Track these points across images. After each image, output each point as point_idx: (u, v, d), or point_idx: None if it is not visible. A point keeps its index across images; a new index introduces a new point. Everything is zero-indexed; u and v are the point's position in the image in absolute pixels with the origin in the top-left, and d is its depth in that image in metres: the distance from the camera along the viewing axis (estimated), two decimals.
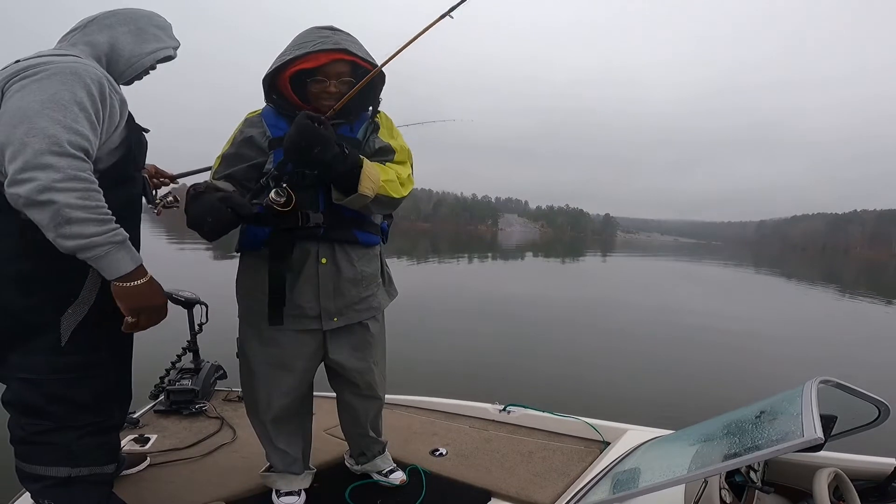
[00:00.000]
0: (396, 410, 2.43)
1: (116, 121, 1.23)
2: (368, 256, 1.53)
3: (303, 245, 1.41)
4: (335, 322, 1.47)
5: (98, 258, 1.11)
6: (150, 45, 1.34)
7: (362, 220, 1.48)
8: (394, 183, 1.39)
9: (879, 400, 1.28)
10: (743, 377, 5.71)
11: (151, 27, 1.36)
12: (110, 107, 1.19)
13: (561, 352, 6.44)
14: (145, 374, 2.31)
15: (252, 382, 1.55)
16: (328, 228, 1.40)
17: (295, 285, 1.43)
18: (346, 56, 1.34)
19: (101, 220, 1.09)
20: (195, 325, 2.43)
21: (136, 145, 1.33)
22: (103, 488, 1.41)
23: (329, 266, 1.44)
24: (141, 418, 2.18)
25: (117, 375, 1.39)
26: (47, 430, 1.27)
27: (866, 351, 7.73)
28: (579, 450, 2.05)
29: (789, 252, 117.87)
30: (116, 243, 1.12)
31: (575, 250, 48.14)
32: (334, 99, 1.37)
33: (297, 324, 1.46)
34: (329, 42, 1.33)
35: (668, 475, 1.09)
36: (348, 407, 1.69)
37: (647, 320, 9.09)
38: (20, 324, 1.20)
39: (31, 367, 1.23)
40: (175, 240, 19.69)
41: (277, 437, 1.61)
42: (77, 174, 1.05)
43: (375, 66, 1.35)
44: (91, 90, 1.13)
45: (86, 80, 1.13)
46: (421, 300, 8.93)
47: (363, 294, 1.51)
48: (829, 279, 25.84)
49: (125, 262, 1.15)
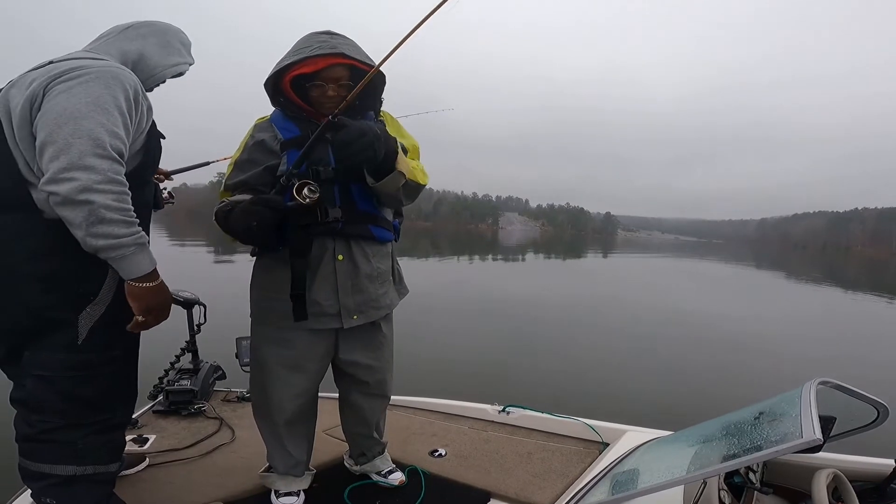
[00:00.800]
0: (395, 411, 2.43)
1: (143, 126, 1.28)
2: (383, 253, 1.54)
3: (319, 242, 1.43)
4: (355, 320, 1.48)
5: (122, 258, 1.15)
6: (173, 59, 1.42)
7: (376, 215, 1.49)
8: (420, 171, 1.45)
9: (878, 401, 1.28)
10: (742, 378, 5.71)
11: (177, 42, 1.44)
12: (140, 112, 1.24)
13: (560, 352, 6.44)
14: (144, 375, 2.30)
15: (265, 384, 1.54)
16: (345, 223, 1.41)
17: (312, 283, 1.43)
18: (343, 60, 1.35)
19: (130, 221, 1.14)
20: (194, 326, 2.43)
21: (154, 150, 1.37)
22: (105, 487, 1.41)
23: (346, 262, 1.45)
24: (140, 418, 2.18)
25: (127, 374, 1.41)
26: (56, 427, 1.27)
27: (866, 350, 7.72)
28: (578, 451, 2.04)
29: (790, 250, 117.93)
30: (141, 244, 1.17)
31: (575, 249, 48.17)
32: (334, 103, 1.37)
33: (318, 322, 1.45)
34: (326, 46, 1.34)
35: (667, 476, 1.09)
36: (354, 407, 1.68)
37: (647, 320, 9.09)
38: (40, 321, 1.22)
39: (47, 365, 1.25)
40: (175, 240, 19.72)
41: (289, 440, 1.60)
42: (114, 177, 1.11)
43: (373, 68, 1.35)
44: (129, 95, 1.19)
45: (125, 84, 1.19)
46: (420, 300, 8.93)
47: (380, 291, 1.52)
48: (830, 278, 25.85)
49: (145, 264, 1.19)
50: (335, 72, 1.36)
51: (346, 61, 1.35)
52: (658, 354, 6.54)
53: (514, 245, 49.34)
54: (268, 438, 1.64)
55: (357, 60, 1.36)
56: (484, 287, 13.02)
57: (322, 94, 1.38)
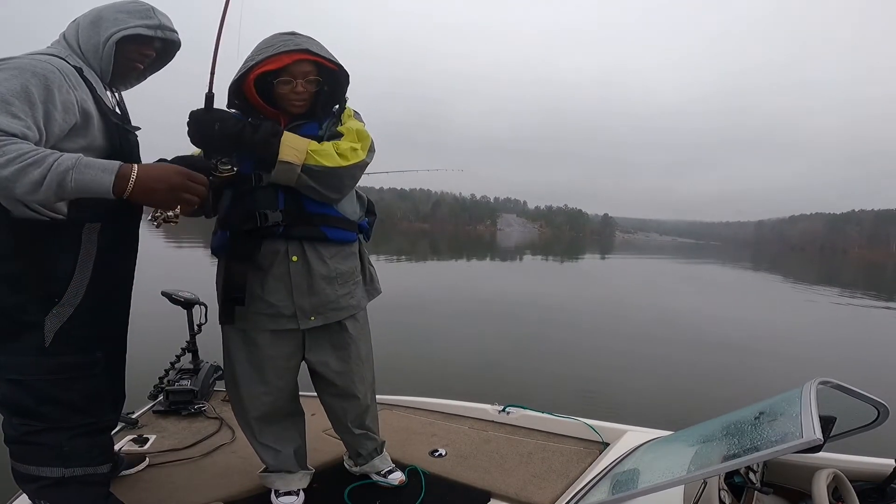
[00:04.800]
0: (395, 411, 2.43)
1: (74, 115, 1.20)
2: (343, 254, 1.53)
3: (272, 244, 1.43)
4: (312, 321, 1.49)
5: (77, 189, 1.06)
6: (107, 32, 1.28)
7: (328, 215, 1.47)
8: (326, 152, 1.36)
9: (878, 401, 1.28)
10: (742, 378, 5.72)
11: (111, 13, 1.30)
12: (63, 101, 1.16)
13: (560, 352, 6.44)
14: (144, 375, 2.31)
15: (234, 381, 1.57)
16: (290, 226, 1.42)
17: (266, 284, 1.45)
18: (308, 56, 1.37)
19: (37, 161, 1.03)
20: (194, 326, 2.43)
21: (122, 143, 1.33)
22: (99, 488, 1.41)
23: (300, 264, 1.45)
24: (140, 419, 2.18)
25: (110, 376, 1.39)
26: (38, 430, 1.27)
27: (865, 351, 7.73)
28: (578, 451, 2.05)
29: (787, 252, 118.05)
30: (70, 167, 1.04)
31: (574, 250, 48.17)
32: (302, 99, 1.41)
33: (274, 323, 1.47)
34: (291, 44, 1.35)
35: (667, 476, 1.10)
36: (327, 407, 1.70)
37: (646, 321, 9.09)
38: (11, 322, 1.21)
39: (18, 368, 1.23)
40: (171, 240, 19.68)
41: (262, 434, 1.62)
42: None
43: (338, 65, 1.41)
44: (27, 85, 1.11)
45: (26, 74, 1.11)
46: (420, 300, 8.92)
47: (340, 292, 1.52)
48: (828, 280, 25.88)
49: (100, 178, 1.07)
50: (302, 67, 1.37)
51: (312, 57, 1.37)
52: (658, 354, 6.54)
53: (513, 246, 49.34)
54: (245, 434, 1.66)
55: (322, 57, 1.38)
56: (483, 287, 13.01)
57: (291, 91, 1.39)
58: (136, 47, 1.34)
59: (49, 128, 1.14)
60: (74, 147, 1.21)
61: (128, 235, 1.42)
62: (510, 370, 5.45)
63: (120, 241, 1.38)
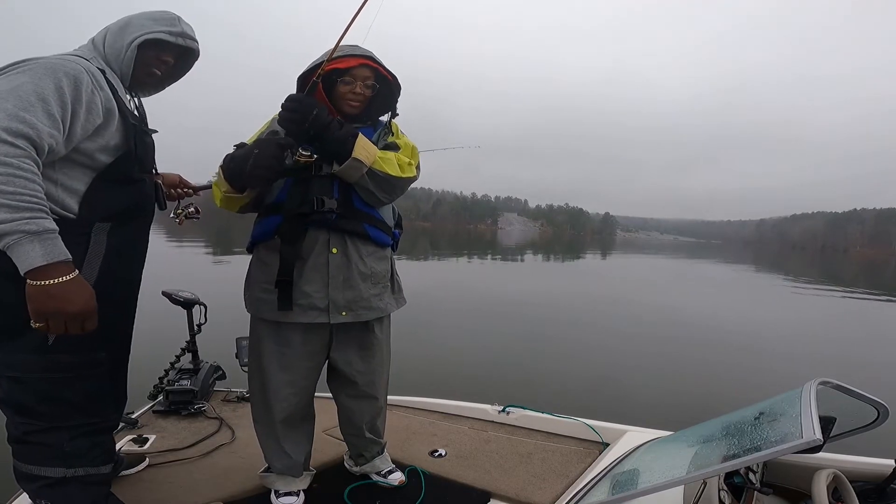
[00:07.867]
0: (395, 411, 2.43)
1: (98, 116, 1.22)
2: (379, 255, 1.58)
3: (314, 233, 1.47)
4: (343, 317, 1.50)
5: (8, 247, 1.04)
6: (131, 36, 1.32)
7: (373, 216, 1.53)
8: (390, 162, 1.48)
9: (878, 401, 1.28)
10: (742, 378, 5.71)
11: (140, 20, 1.34)
12: (88, 102, 1.18)
13: (560, 352, 6.44)
14: (144, 375, 2.31)
15: (263, 381, 1.57)
16: (340, 217, 1.47)
17: (303, 273, 1.47)
18: (371, 63, 1.51)
19: (17, 206, 1.02)
20: (194, 326, 2.43)
21: (139, 146, 1.33)
22: (100, 488, 1.40)
23: (340, 256, 1.49)
24: (140, 419, 2.18)
25: (112, 376, 1.39)
26: (40, 430, 1.27)
27: (866, 350, 7.73)
28: (578, 451, 2.05)
29: (789, 251, 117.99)
30: (28, 233, 1.03)
31: (574, 249, 48.17)
32: (359, 100, 1.52)
33: (305, 315, 1.47)
34: (358, 50, 1.50)
35: (667, 476, 1.09)
36: (343, 408, 1.71)
37: (646, 320, 9.08)
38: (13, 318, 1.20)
39: (19, 366, 1.23)
40: (172, 239, 19.70)
41: (285, 440, 1.61)
42: (3, 159, 1.03)
43: (392, 76, 1.54)
44: (61, 84, 1.13)
45: (58, 74, 1.14)
46: (419, 300, 8.93)
47: (372, 291, 1.55)
48: (829, 278, 25.87)
49: (34, 256, 1.04)
50: (364, 72, 1.51)
51: (373, 65, 1.51)
52: (658, 354, 6.53)
53: (514, 245, 49.32)
54: (265, 437, 1.64)
55: (381, 66, 1.52)
56: (483, 287, 13.01)
57: (350, 91, 1.50)
58: (156, 53, 1.38)
59: (73, 128, 1.17)
60: (92, 146, 1.22)
61: (138, 237, 1.42)
62: (510, 370, 5.45)
63: (129, 242, 1.38)
